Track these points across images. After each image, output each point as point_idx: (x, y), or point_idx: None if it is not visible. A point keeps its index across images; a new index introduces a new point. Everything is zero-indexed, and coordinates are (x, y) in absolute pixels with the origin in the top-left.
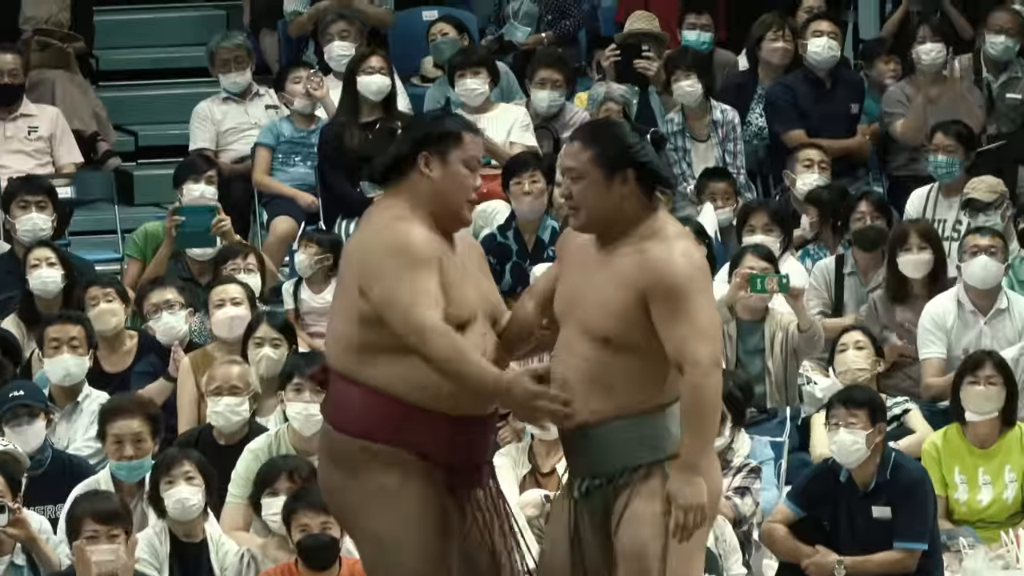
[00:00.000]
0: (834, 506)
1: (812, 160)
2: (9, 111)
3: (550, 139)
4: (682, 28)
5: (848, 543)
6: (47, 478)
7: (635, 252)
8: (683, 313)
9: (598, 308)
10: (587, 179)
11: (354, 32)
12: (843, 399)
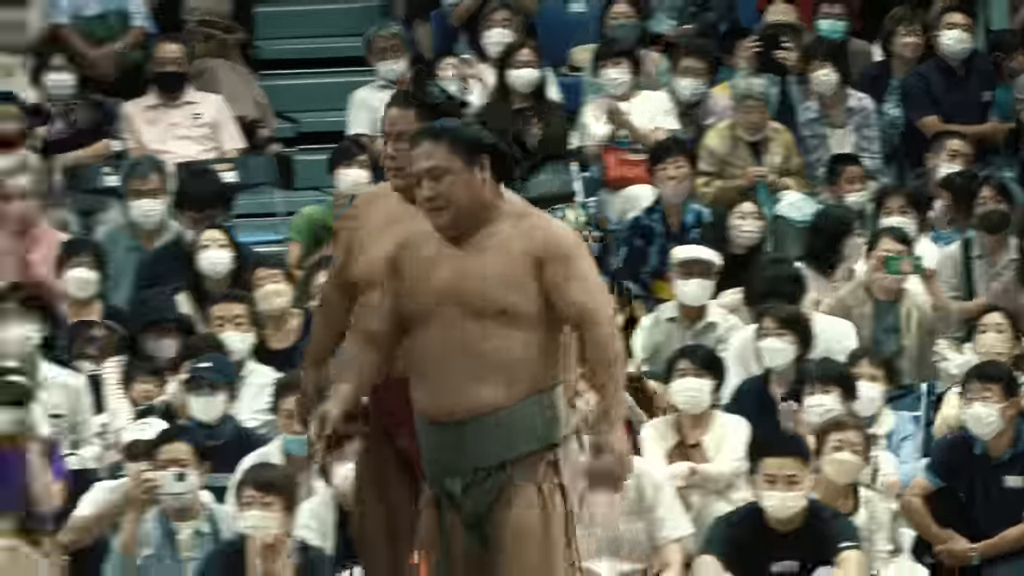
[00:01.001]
0: (969, 478)
1: (957, 151)
2: (174, 99)
3: (693, 126)
4: (816, 17)
5: (983, 513)
6: (226, 448)
7: (513, 228)
8: (579, 272)
9: (489, 282)
10: (451, 173)
11: (515, 21)
12: (978, 374)
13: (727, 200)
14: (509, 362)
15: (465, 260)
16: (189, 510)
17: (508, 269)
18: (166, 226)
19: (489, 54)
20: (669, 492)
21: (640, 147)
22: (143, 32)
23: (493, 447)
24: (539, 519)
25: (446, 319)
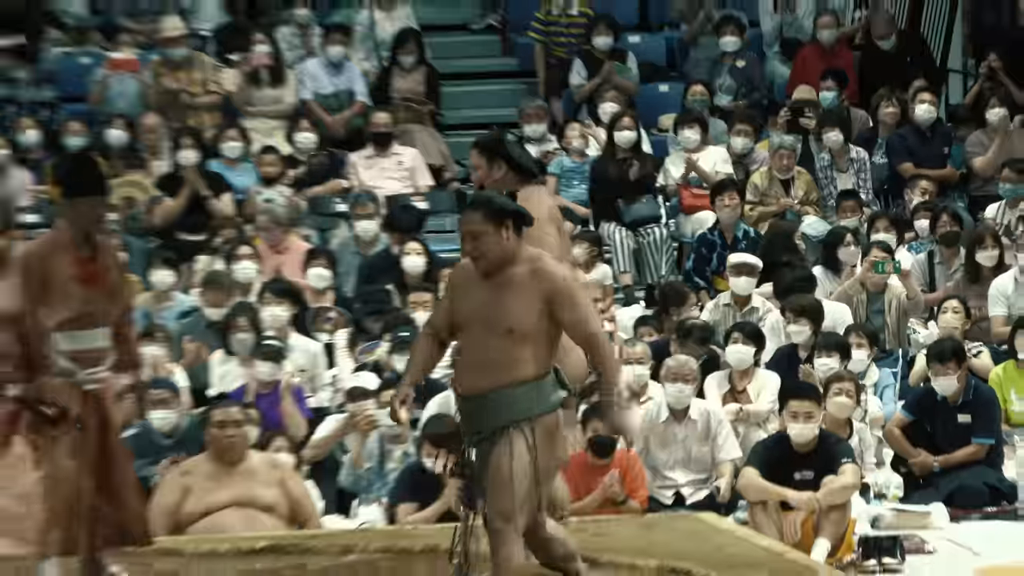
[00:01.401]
0: (933, 415)
1: (925, 188)
2: (384, 151)
3: (742, 170)
4: (820, 91)
5: (942, 439)
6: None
7: (528, 271)
8: (577, 307)
9: (503, 309)
10: (485, 235)
11: (621, 98)
12: (938, 354)
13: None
14: (508, 362)
15: (490, 292)
16: (399, 436)
17: (518, 302)
18: (379, 239)
19: (603, 120)
20: (725, 425)
21: (705, 185)
22: (363, 105)
23: (493, 414)
24: (511, 460)
25: (473, 329)
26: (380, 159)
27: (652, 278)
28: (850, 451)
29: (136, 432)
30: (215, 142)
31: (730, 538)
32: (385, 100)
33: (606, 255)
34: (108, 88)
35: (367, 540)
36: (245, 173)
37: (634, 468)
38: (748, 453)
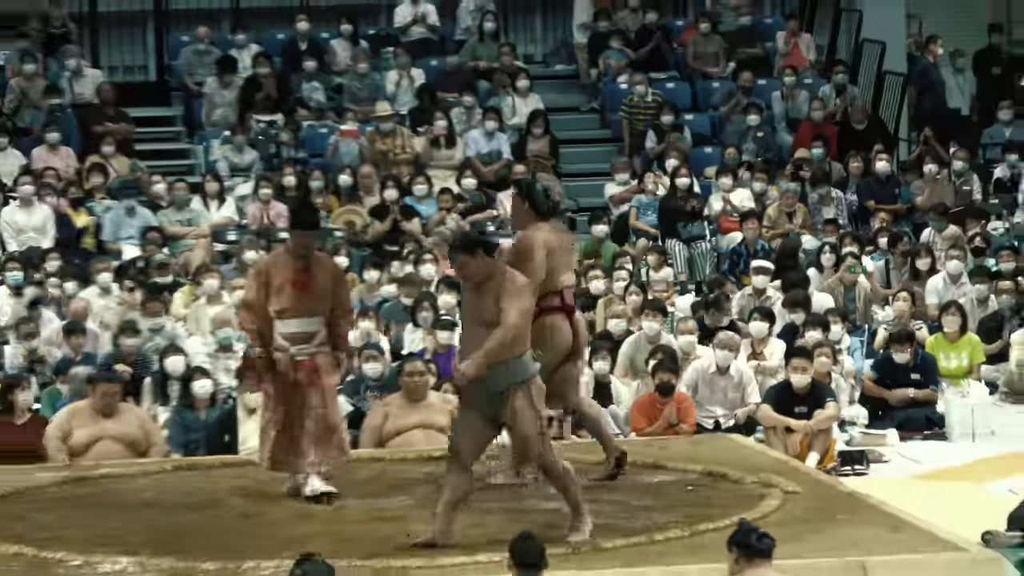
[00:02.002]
0: (894, 375)
1: (883, 218)
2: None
3: (760, 205)
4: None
5: (900, 388)
6: None
7: (495, 283)
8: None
9: (483, 312)
10: (464, 264)
11: (680, 155)
12: (897, 338)
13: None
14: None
15: (475, 298)
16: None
17: (492, 305)
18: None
19: (667, 171)
20: (752, 380)
21: (736, 214)
22: (507, 160)
23: (492, 382)
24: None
25: (472, 325)
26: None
27: (700, 277)
28: (832, 393)
29: (353, 379)
30: (409, 185)
31: (752, 451)
32: (522, 157)
33: (669, 261)
34: (338, 148)
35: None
36: (428, 206)
37: (686, 403)
38: (763, 394)
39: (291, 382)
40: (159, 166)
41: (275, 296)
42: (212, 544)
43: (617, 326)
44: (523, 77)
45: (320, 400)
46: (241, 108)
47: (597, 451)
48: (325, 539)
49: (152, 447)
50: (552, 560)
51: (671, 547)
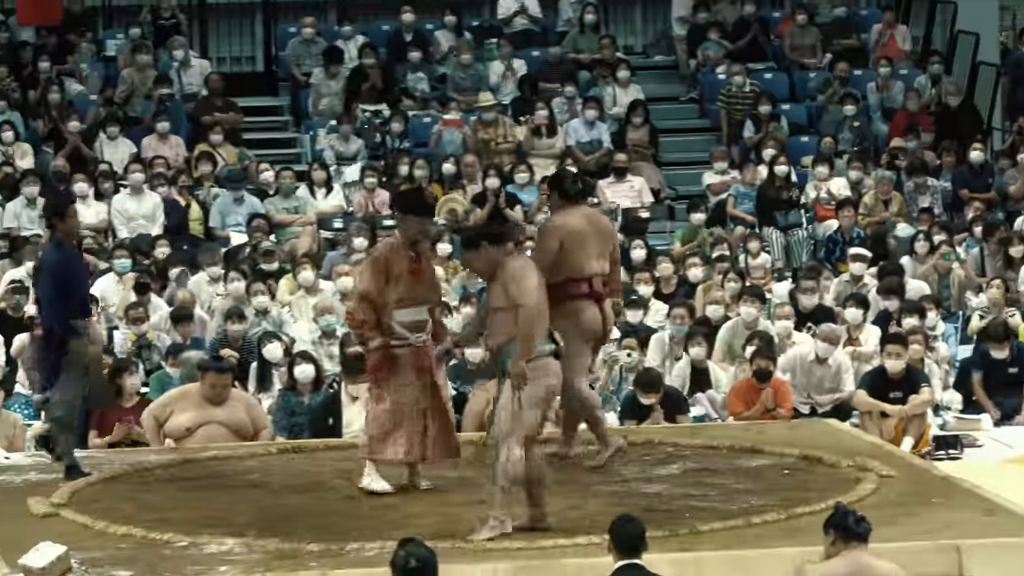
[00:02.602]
0: (992, 367)
1: (977, 207)
2: (621, 179)
3: (856, 193)
4: (907, 141)
5: (996, 383)
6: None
7: (501, 273)
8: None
9: (498, 298)
10: (470, 260)
11: (777, 145)
12: (995, 335)
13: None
14: (501, 330)
15: (491, 286)
16: (633, 369)
17: (502, 294)
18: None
19: (764, 160)
20: (849, 369)
21: (832, 203)
22: (608, 149)
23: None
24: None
25: (493, 311)
26: (618, 184)
27: (796, 264)
28: (927, 378)
29: (456, 363)
30: (511, 173)
31: (847, 436)
32: (622, 146)
33: (766, 248)
34: (441, 137)
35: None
36: (529, 194)
37: (783, 388)
38: (859, 380)
39: (416, 369)
40: (266, 155)
41: (393, 285)
42: (316, 526)
43: (715, 312)
44: (623, 68)
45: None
46: (347, 98)
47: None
48: (428, 520)
49: (260, 433)
50: (652, 543)
51: (768, 530)
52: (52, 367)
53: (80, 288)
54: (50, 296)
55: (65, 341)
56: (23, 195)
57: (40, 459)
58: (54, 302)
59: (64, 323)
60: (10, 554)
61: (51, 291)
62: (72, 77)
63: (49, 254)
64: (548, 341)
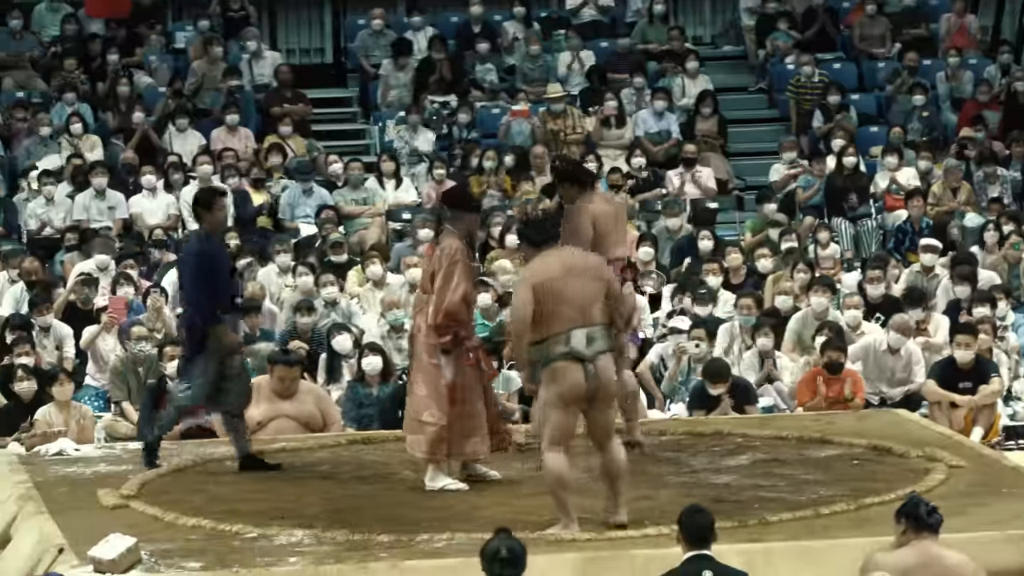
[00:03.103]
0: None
1: None
2: (690, 169)
3: (926, 183)
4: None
5: None
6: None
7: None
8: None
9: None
10: (522, 257)
11: (846, 136)
12: None
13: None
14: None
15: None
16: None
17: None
18: (683, 228)
19: (833, 150)
20: (920, 360)
21: (901, 192)
22: (676, 140)
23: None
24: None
25: None
26: (686, 175)
27: (865, 254)
28: (996, 368)
29: None
30: None
31: (917, 426)
32: (691, 136)
33: (835, 239)
34: (510, 129)
35: (675, 426)
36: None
37: (855, 379)
38: (929, 370)
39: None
40: (335, 146)
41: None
42: (386, 517)
43: (784, 302)
44: (692, 58)
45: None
46: (416, 89)
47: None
48: (497, 511)
49: (330, 427)
50: (721, 533)
51: (837, 521)
52: (188, 358)
53: (225, 281)
54: (193, 289)
55: (205, 333)
56: (92, 187)
57: (109, 451)
58: (197, 295)
59: (206, 316)
60: (80, 546)
61: (195, 283)
62: (141, 69)
63: (194, 246)
64: (563, 343)
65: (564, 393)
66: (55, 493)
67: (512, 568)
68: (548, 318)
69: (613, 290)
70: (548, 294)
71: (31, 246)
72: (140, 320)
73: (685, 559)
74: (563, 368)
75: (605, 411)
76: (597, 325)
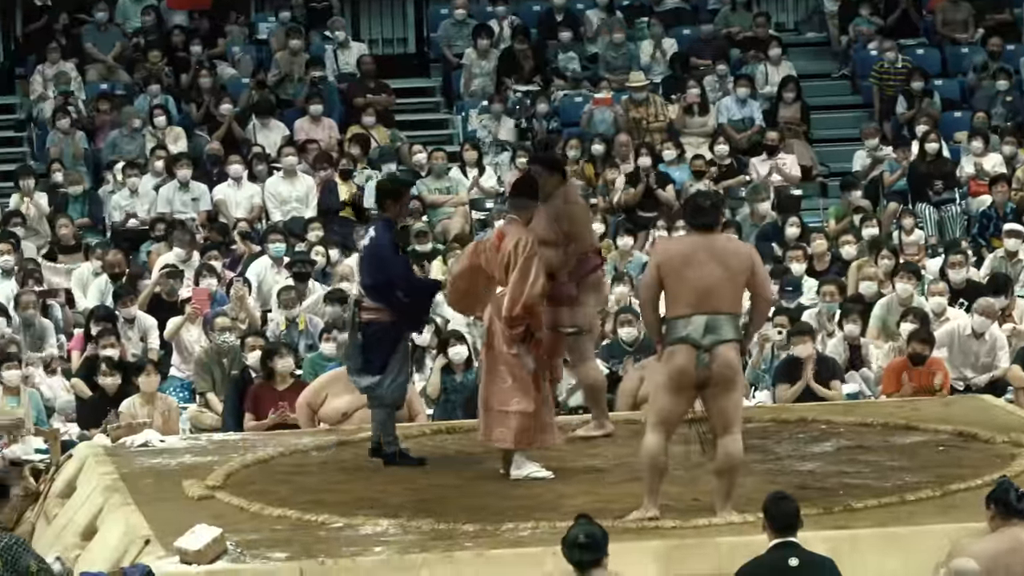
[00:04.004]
0: None
1: None
2: (773, 156)
3: (1011, 170)
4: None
5: None
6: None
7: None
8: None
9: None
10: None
11: (930, 121)
12: None
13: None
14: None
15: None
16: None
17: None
18: (768, 215)
19: (917, 136)
20: (1005, 345)
21: (986, 178)
22: (759, 127)
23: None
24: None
25: None
26: (770, 162)
27: (950, 239)
28: None
29: (609, 343)
30: (662, 152)
31: (1002, 412)
32: (774, 123)
33: (919, 224)
34: (593, 117)
35: (760, 413)
36: (681, 172)
37: (942, 370)
38: (1014, 355)
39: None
40: (418, 136)
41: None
42: (471, 506)
43: (868, 288)
44: (775, 45)
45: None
46: (498, 78)
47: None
48: (581, 500)
49: (415, 418)
50: (806, 520)
51: (923, 507)
52: (388, 350)
53: (409, 270)
54: (382, 279)
55: (402, 322)
56: (176, 179)
57: (194, 442)
58: (387, 284)
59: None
60: (166, 537)
61: (384, 273)
62: (224, 60)
63: (381, 235)
64: (681, 328)
65: (672, 376)
66: (141, 484)
67: (591, 553)
68: (673, 299)
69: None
70: (671, 274)
71: (115, 238)
72: (224, 311)
73: (771, 546)
74: (675, 351)
75: (719, 400)
76: (722, 314)
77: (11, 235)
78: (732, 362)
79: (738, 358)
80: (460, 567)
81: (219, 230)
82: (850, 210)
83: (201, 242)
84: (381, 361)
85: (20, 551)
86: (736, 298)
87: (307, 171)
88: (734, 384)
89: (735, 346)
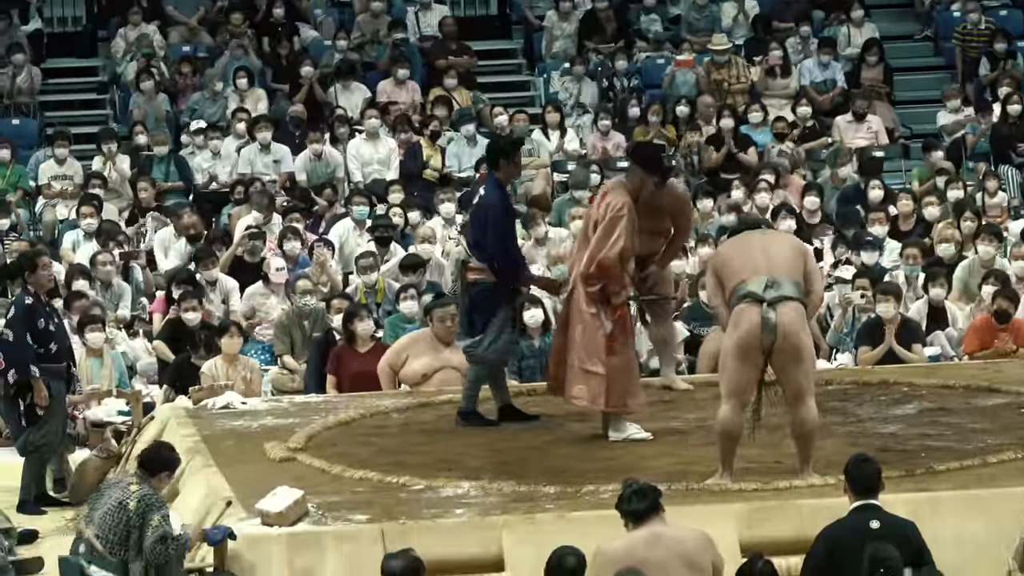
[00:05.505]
0: None
1: None
2: (856, 118)
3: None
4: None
5: None
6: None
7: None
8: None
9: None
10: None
11: (1013, 84)
12: None
13: None
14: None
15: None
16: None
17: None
18: (850, 178)
19: (999, 97)
20: None
21: None
22: (842, 88)
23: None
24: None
25: None
26: (853, 124)
27: None
28: None
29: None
30: (744, 114)
31: None
32: (856, 85)
33: (1002, 186)
34: (675, 79)
35: (841, 375)
36: (763, 134)
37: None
38: None
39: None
40: (500, 98)
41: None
42: (551, 468)
43: (946, 250)
44: (857, 7)
45: None
46: (580, 40)
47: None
48: (661, 462)
49: None
50: (887, 483)
51: (1005, 469)
52: (490, 312)
53: (509, 235)
54: (496, 239)
55: (507, 283)
56: (257, 141)
57: (276, 404)
58: (498, 243)
59: (509, 265)
60: (248, 499)
61: (495, 232)
62: (306, 23)
63: (493, 195)
64: (743, 289)
65: (741, 338)
66: (222, 446)
67: (647, 500)
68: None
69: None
70: (722, 265)
71: (198, 200)
72: (306, 274)
73: (852, 508)
74: (740, 311)
75: (788, 371)
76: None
77: (94, 197)
78: (797, 329)
79: (803, 322)
80: (541, 529)
81: (299, 196)
82: (933, 172)
83: (278, 206)
84: (483, 321)
85: (154, 505)
86: (796, 268)
87: (387, 134)
88: (801, 355)
89: (798, 307)
